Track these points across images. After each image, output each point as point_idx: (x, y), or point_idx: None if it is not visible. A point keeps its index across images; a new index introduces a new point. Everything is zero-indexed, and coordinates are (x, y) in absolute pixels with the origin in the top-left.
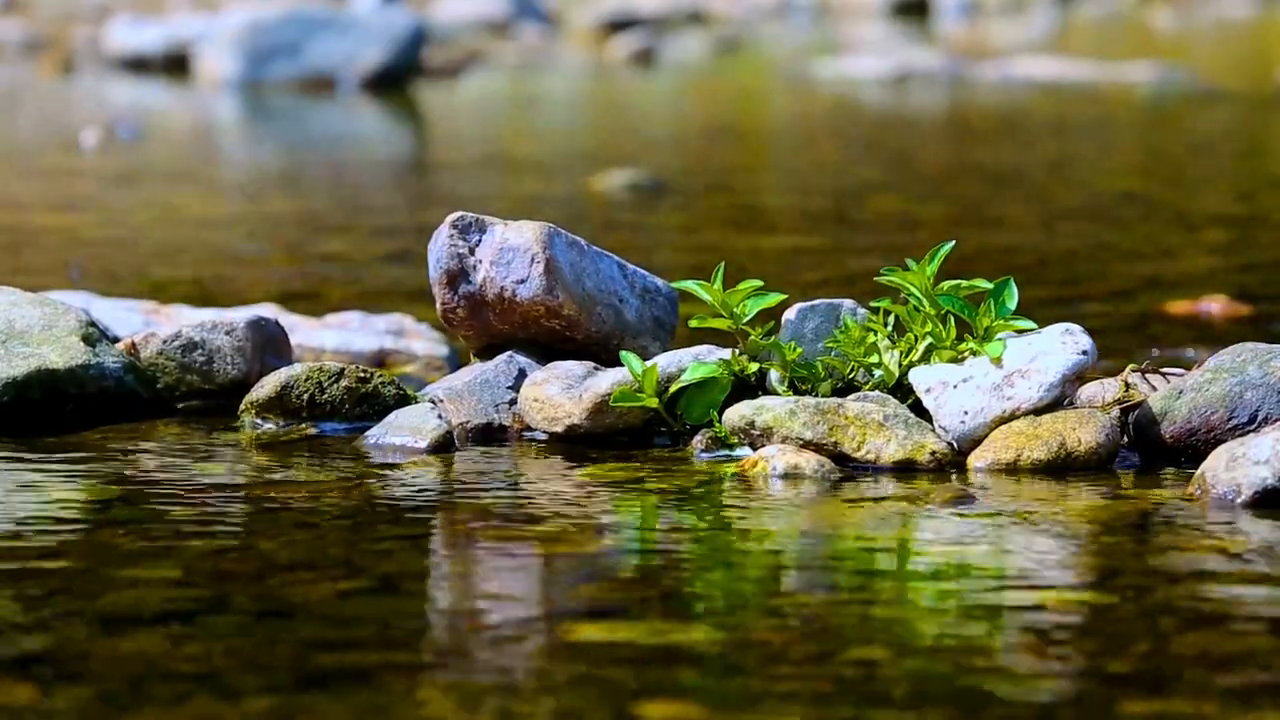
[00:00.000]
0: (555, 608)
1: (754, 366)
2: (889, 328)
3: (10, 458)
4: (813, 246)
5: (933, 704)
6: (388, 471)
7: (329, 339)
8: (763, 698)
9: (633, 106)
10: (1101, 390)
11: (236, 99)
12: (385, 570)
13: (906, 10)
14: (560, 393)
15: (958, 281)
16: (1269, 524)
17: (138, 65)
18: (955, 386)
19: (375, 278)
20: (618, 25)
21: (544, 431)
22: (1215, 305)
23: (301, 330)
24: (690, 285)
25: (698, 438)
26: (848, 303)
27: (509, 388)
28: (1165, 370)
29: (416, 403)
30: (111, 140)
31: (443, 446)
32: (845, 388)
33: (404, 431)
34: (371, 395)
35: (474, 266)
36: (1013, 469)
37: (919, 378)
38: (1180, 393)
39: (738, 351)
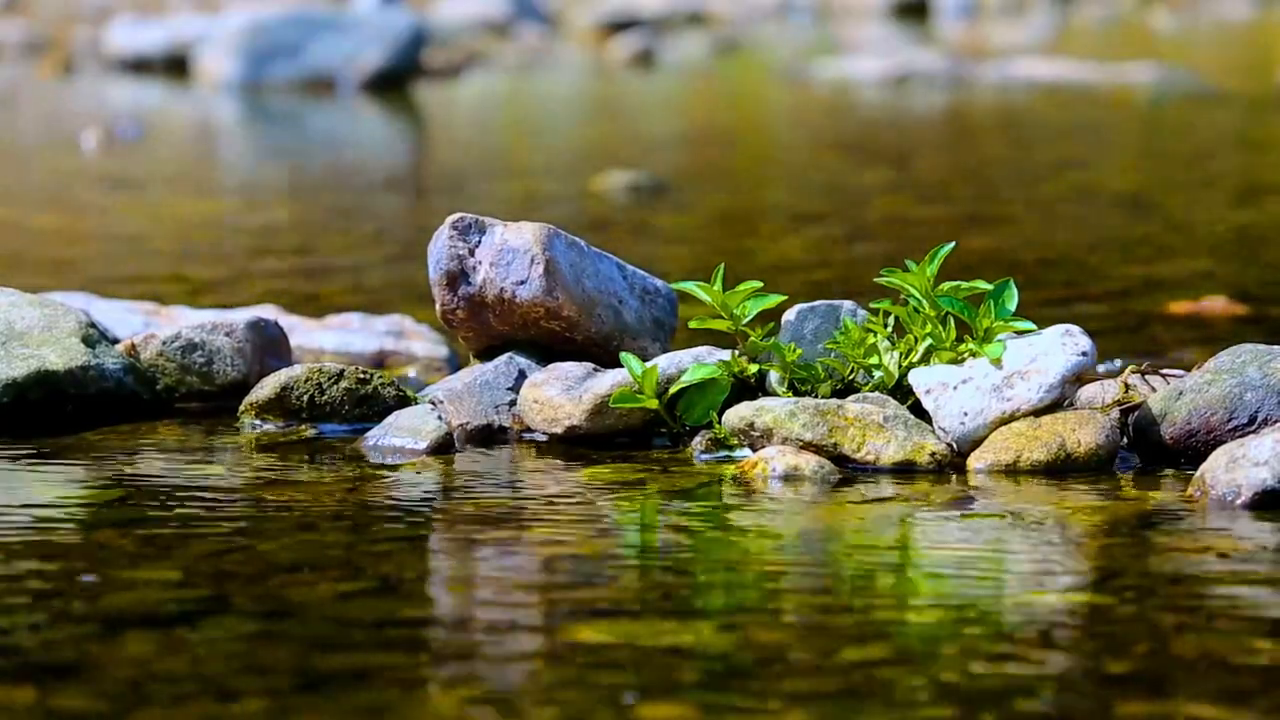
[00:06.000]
0: (555, 608)
1: (754, 368)
2: (889, 329)
3: (10, 458)
4: (812, 247)
5: (933, 704)
6: (387, 473)
7: (329, 340)
8: (763, 698)
9: (633, 107)
10: (1101, 391)
11: (237, 100)
12: (385, 571)
13: (906, 11)
14: (560, 394)
15: (957, 283)
16: (1269, 525)
17: (138, 66)
18: (955, 388)
19: (375, 279)
20: (618, 26)
21: (544, 433)
22: (1215, 305)
23: (301, 331)
24: (690, 286)
25: (697, 439)
26: (847, 304)
27: (509, 389)
28: (1165, 371)
29: (416, 404)
30: (112, 141)
31: (442, 448)
32: (845, 389)
33: (404, 433)
34: (371, 396)
35: (474, 268)
36: (1012, 470)
37: (919, 379)
38: (1180, 394)
39: (737, 353)
